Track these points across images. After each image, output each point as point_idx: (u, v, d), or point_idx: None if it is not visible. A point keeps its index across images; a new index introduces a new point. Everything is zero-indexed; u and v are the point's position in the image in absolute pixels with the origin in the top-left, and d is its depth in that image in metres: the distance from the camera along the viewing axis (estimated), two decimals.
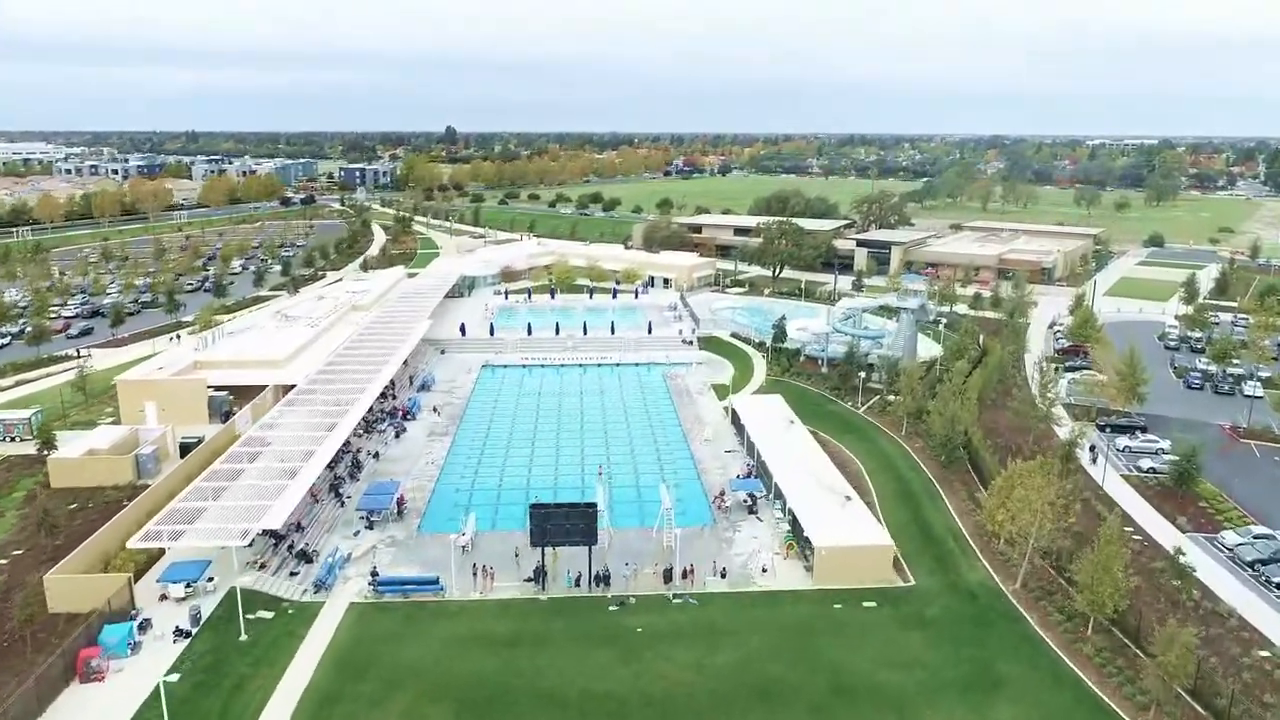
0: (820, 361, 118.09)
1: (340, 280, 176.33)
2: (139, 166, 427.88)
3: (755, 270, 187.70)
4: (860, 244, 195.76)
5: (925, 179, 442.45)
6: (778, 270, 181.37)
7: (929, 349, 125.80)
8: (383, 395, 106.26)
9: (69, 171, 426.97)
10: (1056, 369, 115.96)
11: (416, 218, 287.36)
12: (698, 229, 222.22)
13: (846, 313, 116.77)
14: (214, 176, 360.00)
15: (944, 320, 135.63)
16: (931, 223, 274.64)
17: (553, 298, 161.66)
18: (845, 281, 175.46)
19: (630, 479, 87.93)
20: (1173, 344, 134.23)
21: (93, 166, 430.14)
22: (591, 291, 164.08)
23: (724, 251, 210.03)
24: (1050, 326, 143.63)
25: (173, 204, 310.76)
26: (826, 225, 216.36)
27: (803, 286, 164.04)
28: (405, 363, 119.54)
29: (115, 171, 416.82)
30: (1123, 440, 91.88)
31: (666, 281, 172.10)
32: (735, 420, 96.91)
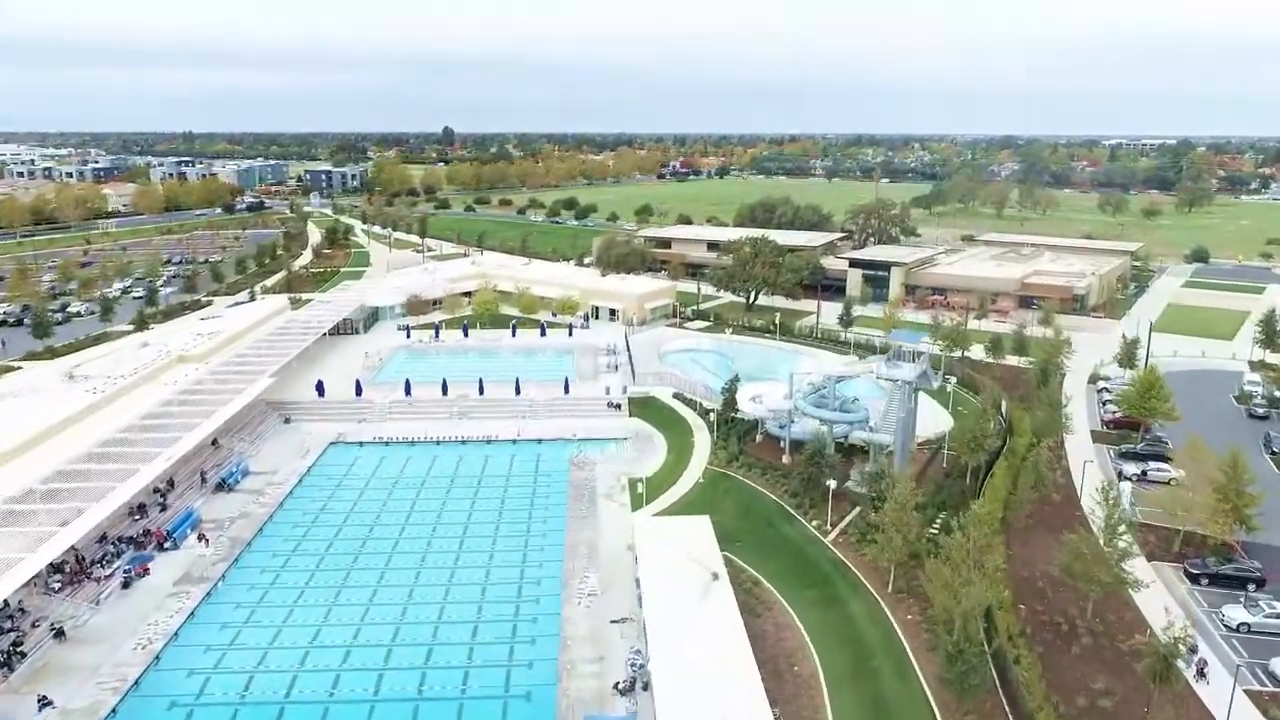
0: (781, 443, 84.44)
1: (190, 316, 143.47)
2: (97, 169, 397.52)
3: (729, 297, 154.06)
4: (853, 264, 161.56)
5: (934, 182, 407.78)
6: (752, 298, 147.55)
7: (935, 416, 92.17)
8: (141, 509, 73.17)
9: (21, 174, 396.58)
10: (1133, 478, 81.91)
11: (363, 227, 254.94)
12: (666, 243, 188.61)
13: (815, 384, 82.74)
14: (147, 183, 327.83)
15: (954, 378, 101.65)
16: (940, 233, 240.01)
17: (465, 335, 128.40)
18: (834, 310, 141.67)
19: (454, 679, 54.59)
20: (1259, 409, 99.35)
21: (46, 170, 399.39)
22: (515, 327, 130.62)
23: (696, 272, 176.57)
24: (1093, 382, 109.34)
25: (109, 211, 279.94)
26: (817, 239, 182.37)
27: (777, 322, 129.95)
28: (216, 444, 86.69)
29: (70, 175, 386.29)
30: (1235, 611, 57.64)
31: (613, 313, 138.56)
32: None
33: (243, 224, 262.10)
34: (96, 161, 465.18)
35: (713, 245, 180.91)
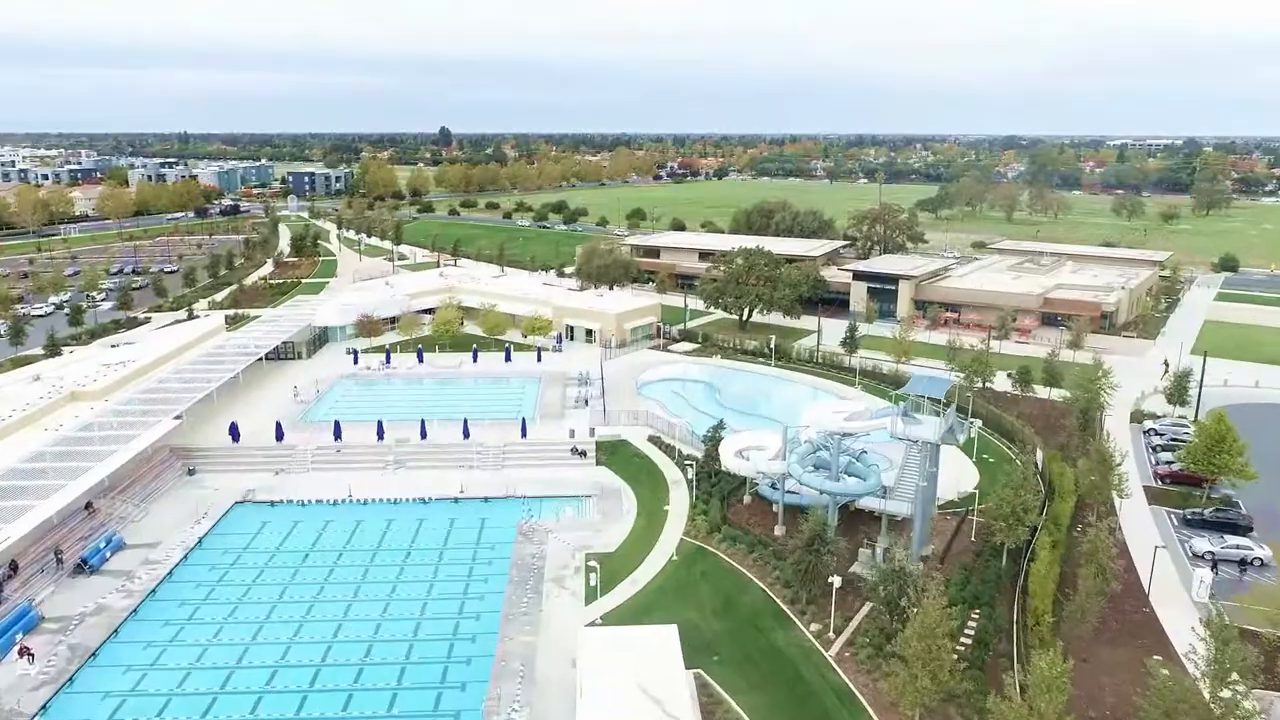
0: (774, 506, 69.10)
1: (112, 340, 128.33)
2: (74, 171, 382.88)
3: (720, 313, 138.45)
4: (858, 276, 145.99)
5: (939, 183, 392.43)
6: (745, 315, 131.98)
7: (958, 468, 76.78)
8: None
9: None
10: (1209, 557, 66.41)
11: (339, 233, 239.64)
12: (654, 252, 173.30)
13: (814, 442, 67.14)
14: (118, 185, 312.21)
15: (979, 421, 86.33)
16: (948, 238, 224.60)
17: (420, 361, 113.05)
18: (837, 329, 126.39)
19: None
20: None
21: (22, 172, 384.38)
22: (476, 352, 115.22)
23: (686, 284, 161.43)
24: (1138, 421, 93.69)
25: (75, 215, 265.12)
26: (818, 247, 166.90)
27: (772, 346, 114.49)
28: (90, 508, 71.34)
29: (47, 177, 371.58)
30: None
31: (590, 333, 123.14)
32: None
33: (211, 229, 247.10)
34: (79, 163, 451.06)
35: (705, 254, 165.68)
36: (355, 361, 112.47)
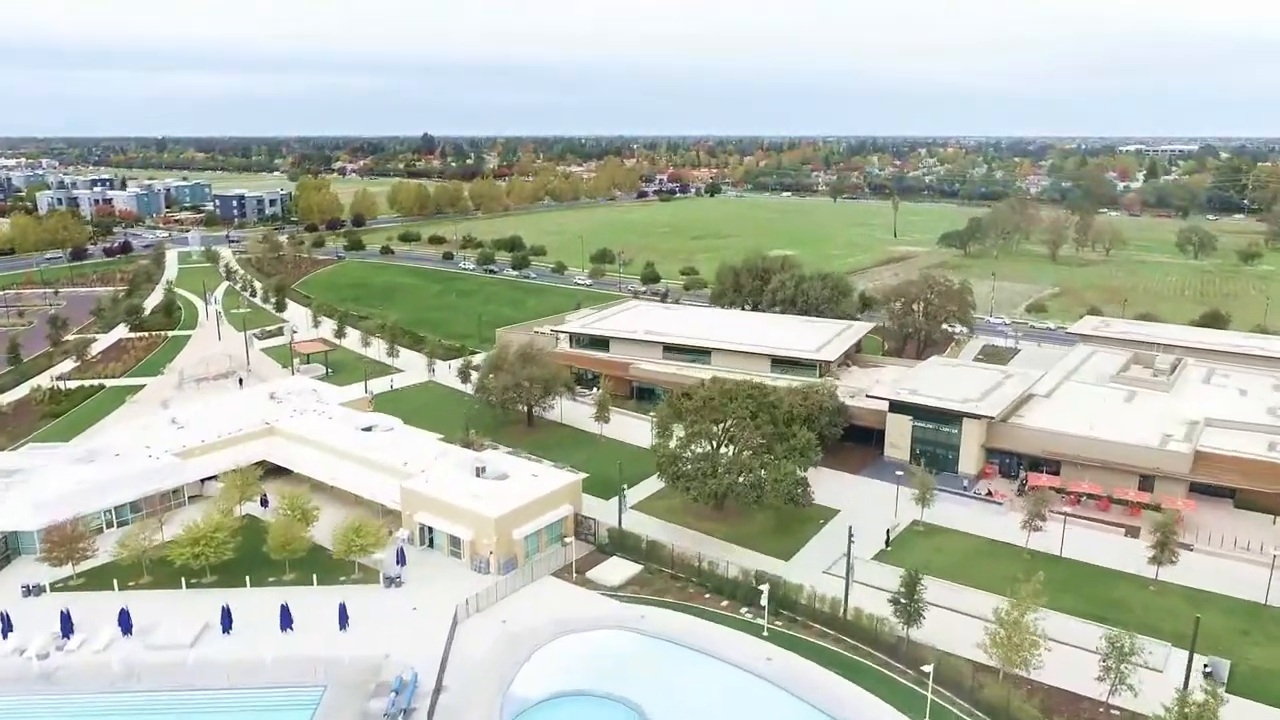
0: None
1: None
2: None
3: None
4: (896, 408, 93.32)
5: (954, 199, 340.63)
6: (718, 498, 79.21)
7: None
8: None
9: None
10: None
11: (226, 285, 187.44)
12: (603, 342, 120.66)
13: None
14: (24, 213, 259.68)
15: None
16: (991, 294, 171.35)
17: (125, 630, 60.91)
18: (873, 504, 74.79)
19: None
20: None
21: None
22: (229, 615, 62.43)
23: (646, 396, 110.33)
24: None
25: None
26: (831, 339, 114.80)
27: (765, 596, 62.58)
28: None
29: None
30: None
31: (457, 543, 71.09)
32: None
33: (73, 278, 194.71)
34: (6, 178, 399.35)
35: (673, 350, 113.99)
36: (4, 633, 60.30)
